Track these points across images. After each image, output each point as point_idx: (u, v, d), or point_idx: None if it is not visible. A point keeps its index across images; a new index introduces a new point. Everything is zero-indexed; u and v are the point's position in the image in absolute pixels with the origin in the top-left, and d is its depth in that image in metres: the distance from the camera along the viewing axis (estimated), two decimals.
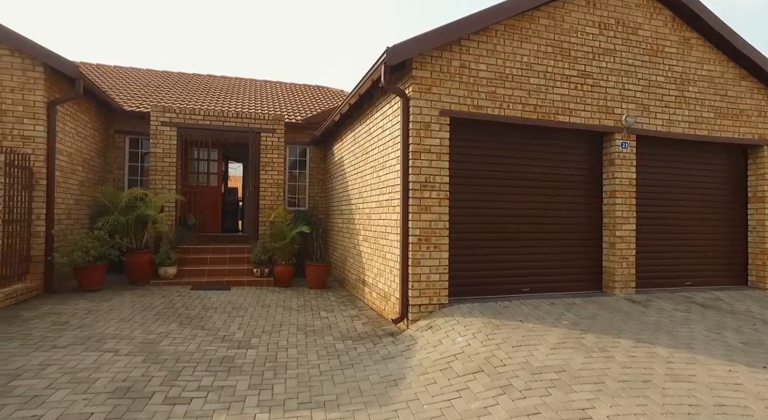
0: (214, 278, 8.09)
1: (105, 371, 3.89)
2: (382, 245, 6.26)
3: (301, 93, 13.66)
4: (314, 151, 10.94)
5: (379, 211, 6.43)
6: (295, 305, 6.82)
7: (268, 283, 8.19)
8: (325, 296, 7.59)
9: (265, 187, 9.28)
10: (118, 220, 7.49)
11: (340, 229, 8.89)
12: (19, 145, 6.62)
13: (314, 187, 10.89)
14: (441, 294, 5.36)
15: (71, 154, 7.72)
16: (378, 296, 6.38)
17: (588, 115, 6.00)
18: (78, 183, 8.00)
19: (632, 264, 6.16)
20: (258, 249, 8.33)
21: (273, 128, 9.35)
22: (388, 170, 6.08)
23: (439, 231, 5.38)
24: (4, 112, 6.61)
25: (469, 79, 5.53)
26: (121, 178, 9.65)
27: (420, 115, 5.33)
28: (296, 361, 4.40)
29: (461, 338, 4.48)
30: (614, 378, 3.42)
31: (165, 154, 8.74)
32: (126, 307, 6.12)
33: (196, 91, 12.01)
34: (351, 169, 8.17)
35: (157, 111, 8.76)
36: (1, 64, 6.61)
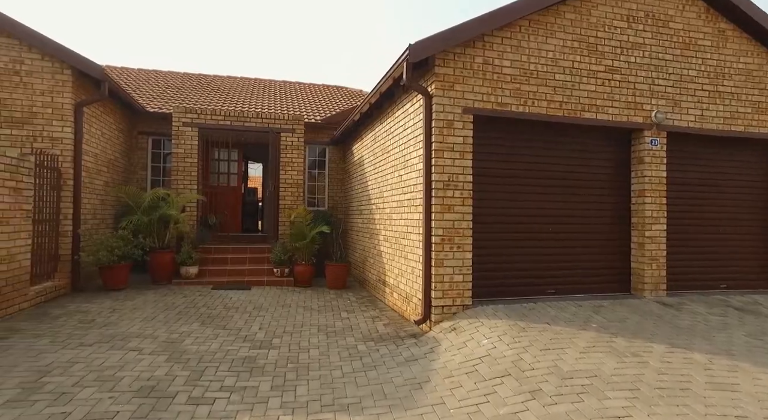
0: (234, 278, 8.12)
1: (130, 370, 3.90)
2: (403, 245, 6.18)
3: (319, 93, 13.68)
4: (333, 151, 10.92)
5: (400, 211, 6.35)
6: (316, 306, 6.79)
7: (288, 283, 8.19)
8: (345, 297, 7.54)
9: (285, 187, 9.29)
10: (141, 220, 7.58)
11: (360, 229, 8.84)
12: (48, 146, 6.76)
13: (333, 187, 10.87)
14: (464, 295, 5.25)
15: (97, 155, 7.85)
16: (399, 297, 6.30)
17: (616, 112, 5.82)
18: (103, 183, 8.13)
19: (662, 265, 5.94)
20: (278, 249, 8.34)
21: (293, 128, 9.36)
22: (409, 169, 6.00)
23: (463, 231, 5.27)
24: (35, 114, 6.77)
25: (492, 75, 5.41)
26: (144, 178, 9.79)
27: (443, 113, 5.24)
28: (318, 363, 4.35)
29: (486, 341, 4.37)
30: (650, 384, 3.27)
31: (186, 155, 8.82)
32: (149, 306, 6.17)
33: (217, 92, 12.12)
34: (371, 169, 8.11)
35: (178, 112, 8.85)
36: (33, 69, 6.76)
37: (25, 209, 5.63)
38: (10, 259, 5.32)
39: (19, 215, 5.49)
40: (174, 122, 8.79)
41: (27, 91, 6.76)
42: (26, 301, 5.67)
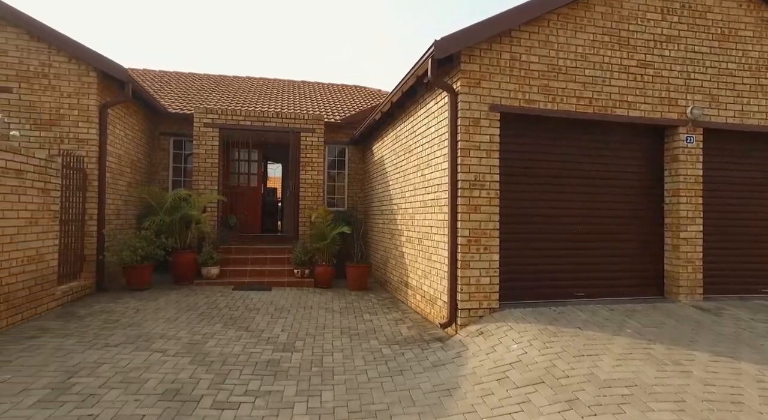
0: (255, 278, 8.11)
1: (154, 372, 3.87)
2: (427, 246, 6.05)
3: (338, 93, 13.64)
4: (353, 151, 10.85)
5: (423, 211, 6.23)
6: (337, 307, 6.71)
7: (309, 284, 8.14)
8: (366, 298, 7.45)
9: (305, 188, 9.25)
10: (163, 221, 7.62)
11: (381, 229, 8.74)
12: (74, 147, 6.84)
13: (353, 187, 10.80)
14: (491, 298, 5.10)
15: (120, 156, 7.92)
16: (423, 299, 6.18)
17: (648, 108, 5.58)
18: (126, 184, 8.21)
19: (699, 268, 5.68)
20: (298, 250, 8.29)
21: (312, 128, 9.31)
22: (433, 169, 5.87)
23: (489, 232, 5.12)
24: (62, 116, 6.85)
25: (520, 72, 5.25)
26: (165, 178, 9.87)
27: (469, 111, 5.09)
28: (343, 366, 4.26)
29: (516, 346, 4.22)
30: (697, 396, 3.08)
31: (207, 155, 8.85)
32: (172, 307, 6.18)
33: (237, 93, 12.17)
34: (392, 169, 8.00)
35: (199, 112, 8.89)
36: (60, 71, 6.85)
37: (53, 210, 5.69)
38: (39, 259, 5.38)
39: (47, 216, 5.54)
40: (195, 123, 8.83)
41: (55, 93, 6.85)
42: (54, 300, 5.73)
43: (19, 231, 5.01)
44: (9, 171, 4.85)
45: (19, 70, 6.75)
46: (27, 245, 5.16)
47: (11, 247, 4.87)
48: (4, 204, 4.75)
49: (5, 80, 6.71)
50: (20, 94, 6.76)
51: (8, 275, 4.83)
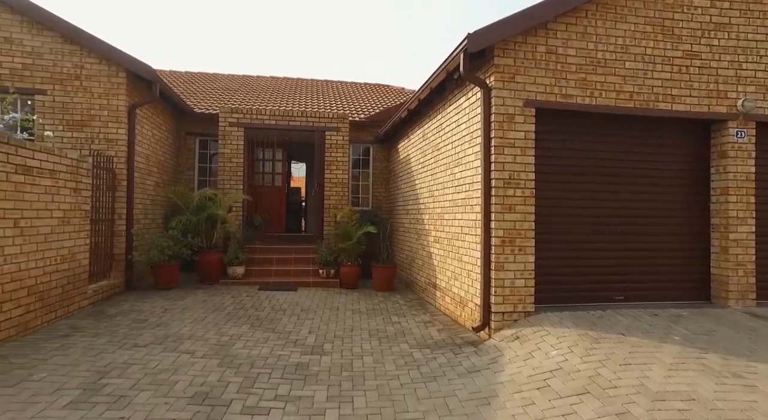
0: (280, 278, 8.06)
1: (183, 374, 3.81)
2: (457, 247, 5.87)
3: (361, 91, 13.54)
4: (377, 150, 10.72)
5: (453, 211, 6.05)
6: (364, 308, 6.58)
7: (334, 285, 8.04)
8: (393, 299, 7.30)
9: (330, 187, 9.16)
10: (190, 220, 7.64)
11: (407, 229, 8.59)
12: (104, 147, 6.90)
13: (377, 187, 10.67)
14: (526, 301, 4.88)
15: (148, 156, 7.98)
16: (452, 301, 5.99)
17: (694, 101, 5.27)
18: (154, 184, 8.27)
19: (750, 272, 5.34)
20: (323, 250, 8.21)
21: (337, 127, 9.22)
22: (464, 167, 5.68)
23: (525, 232, 4.90)
24: (93, 117, 6.93)
25: (556, 65, 5.01)
26: (191, 178, 9.94)
27: (503, 107, 4.89)
28: (374, 371, 4.12)
29: (556, 352, 4.00)
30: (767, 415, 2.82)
31: (232, 155, 8.86)
32: (199, 307, 6.16)
33: (261, 92, 12.20)
34: (419, 167, 7.83)
35: (225, 112, 8.90)
36: (91, 73, 6.93)
37: (84, 209, 5.73)
38: (71, 258, 5.42)
39: (78, 215, 5.59)
40: (220, 122, 8.85)
41: (86, 94, 6.93)
42: (86, 299, 5.77)
43: (52, 230, 5.05)
44: (43, 171, 4.88)
45: (54, 73, 6.86)
46: (60, 244, 5.20)
47: (45, 246, 4.91)
48: (38, 204, 4.79)
49: (41, 82, 6.83)
50: (54, 96, 6.86)
51: (43, 274, 4.87)
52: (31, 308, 4.67)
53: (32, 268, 4.69)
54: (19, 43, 6.78)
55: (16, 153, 4.46)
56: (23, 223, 4.54)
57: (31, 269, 4.67)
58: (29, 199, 4.64)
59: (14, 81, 6.72)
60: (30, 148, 4.67)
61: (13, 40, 6.77)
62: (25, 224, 4.56)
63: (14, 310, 4.43)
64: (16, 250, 4.45)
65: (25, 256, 4.58)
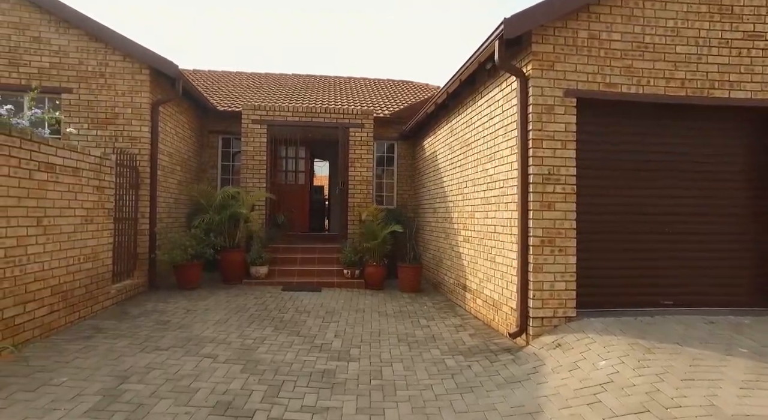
0: (303, 279, 7.88)
1: (205, 380, 3.62)
2: (489, 247, 5.55)
3: (384, 88, 13.28)
4: (402, 147, 10.44)
5: (485, 209, 5.73)
6: (391, 311, 6.33)
7: (359, 286, 7.82)
8: (420, 301, 7.03)
9: (354, 185, 8.94)
10: (212, 219, 7.53)
11: (434, 228, 8.29)
12: (127, 145, 6.84)
13: (402, 184, 10.40)
14: (567, 305, 4.54)
15: (172, 155, 7.91)
16: (484, 304, 5.68)
17: (756, 88, 4.81)
18: (177, 182, 8.20)
19: None
20: (348, 249, 7.99)
21: (362, 123, 8.98)
22: (498, 163, 5.36)
23: (565, 231, 4.56)
24: (117, 115, 6.88)
25: (599, 52, 4.64)
26: (214, 177, 9.87)
27: (541, 97, 4.56)
28: (405, 380, 3.86)
29: (604, 362, 3.66)
30: None
31: (255, 152, 8.72)
32: (221, 308, 6.01)
33: (283, 90, 12.08)
34: (447, 164, 7.53)
35: (248, 109, 8.77)
36: (115, 70, 6.88)
37: (107, 208, 5.64)
38: (94, 258, 5.33)
39: (101, 214, 5.50)
40: (243, 120, 8.72)
41: (110, 92, 6.88)
42: (109, 299, 5.69)
43: (75, 229, 4.96)
44: (66, 168, 4.79)
45: (79, 71, 6.83)
46: (83, 243, 5.11)
47: (69, 245, 4.82)
48: (61, 202, 4.70)
49: (67, 81, 6.81)
50: (80, 94, 6.83)
51: (66, 273, 4.78)
52: (55, 308, 4.58)
53: (55, 268, 4.60)
54: (47, 42, 6.77)
55: (39, 150, 4.36)
56: (46, 221, 4.45)
57: (54, 269, 4.58)
58: (52, 198, 4.55)
59: (42, 80, 6.71)
60: (53, 145, 4.58)
61: (42, 40, 6.77)
62: (47, 223, 4.47)
63: (38, 310, 4.35)
64: (39, 249, 4.36)
65: (48, 255, 4.49)
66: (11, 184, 3.99)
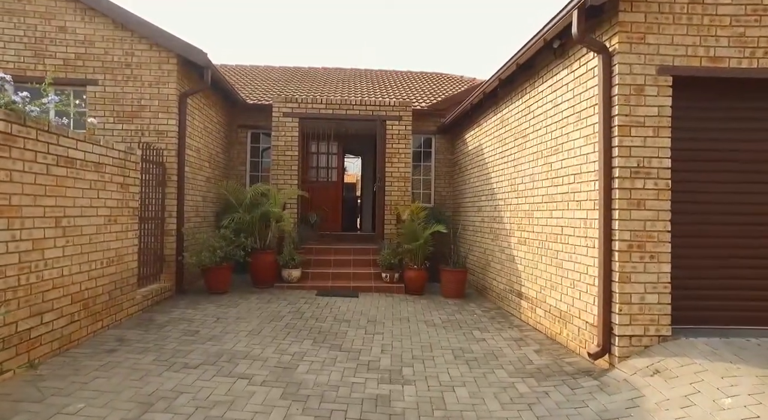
0: (339, 282, 7.33)
1: (241, 409, 3.09)
2: (554, 251, 4.86)
3: (418, 80, 12.64)
4: (440, 141, 9.78)
5: (548, 208, 5.04)
6: (438, 320, 5.71)
7: (399, 291, 7.22)
8: (467, 308, 6.38)
9: (391, 181, 8.34)
10: (243, 218, 7.05)
11: (478, 228, 7.62)
12: (154, 140, 6.42)
13: (440, 181, 9.74)
14: (661, 322, 3.82)
15: (199, 150, 7.48)
16: (547, 314, 5.00)
17: None
18: (205, 179, 7.77)
19: None
20: (387, 251, 7.40)
21: (399, 116, 8.37)
22: (566, 155, 4.66)
23: (658, 234, 3.84)
24: (143, 107, 6.47)
25: (702, 19, 3.89)
26: (243, 174, 9.43)
27: (629, 76, 3.84)
28: (474, 411, 3.24)
29: (730, 400, 2.95)
30: None
31: (287, 147, 8.22)
32: (254, 316, 5.51)
33: (314, 83, 11.58)
34: (495, 158, 6.84)
35: (279, 101, 8.27)
36: (142, 60, 6.47)
37: (132, 207, 5.20)
38: (118, 261, 4.90)
39: (126, 213, 5.06)
40: (274, 113, 8.23)
41: (136, 83, 6.47)
42: (134, 305, 5.26)
43: (98, 230, 4.52)
44: (88, 164, 4.35)
45: (105, 61, 6.44)
46: (107, 246, 4.68)
47: (90, 247, 4.38)
48: (83, 200, 4.26)
49: (92, 72, 6.43)
50: (105, 86, 6.45)
51: (88, 279, 4.34)
52: (75, 318, 4.14)
53: (76, 274, 4.15)
54: (72, 31, 6.41)
55: (58, 142, 3.92)
56: (65, 222, 4.01)
57: (75, 274, 4.14)
58: (72, 195, 4.10)
59: (67, 72, 6.36)
60: (73, 138, 4.13)
61: (67, 29, 6.41)
62: (67, 224, 4.03)
63: (56, 321, 3.90)
64: (58, 253, 3.91)
65: (68, 259, 4.05)
66: (26, 180, 3.54)
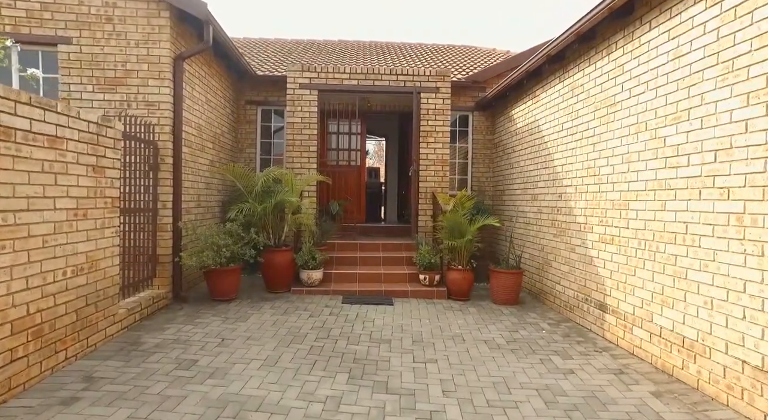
0: (367, 286, 6.12)
1: None
2: (670, 255, 3.58)
3: (445, 53, 11.24)
4: (478, 119, 8.45)
5: (659, 197, 3.74)
6: (500, 338, 4.48)
7: (440, 295, 6.00)
8: (529, 320, 5.13)
9: (427, 165, 7.06)
10: (253, 210, 5.84)
11: (532, 220, 6.34)
12: (143, 113, 5.20)
13: (478, 165, 8.44)
14: None
15: (201, 127, 6.25)
16: (656, 339, 3.73)
17: None
18: (208, 162, 6.56)
19: None
20: (425, 248, 6.16)
21: (436, 87, 7.05)
22: (697, 124, 3.35)
23: None
24: (129, 72, 5.24)
25: None
26: (252, 157, 8.21)
27: None
28: None
29: None
30: None
31: (304, 125, 6.97)
32: (268, 335, 4.33)
33: (331, 55, 10.27)
34: (562, 135, 5.52)
35: (294, 71, 6.99)
36: (126, 13, 5.22)
37: (110, 196, 4.01)
38: (90, 268, 3.72)
39: (101, 205, 3.87)
40: (289, 84, 6.95)
41: (120, 43, 5.24)
42: (115, 323, 4.10)
43: (57, 229, 3.33)
44: (37, 137, 3.14)
45: (79, 15, 5.20)
46: (72, 249, 3.49)
47: (44, 253, 3.20)
48: (28, 188, 3.06)
49: (64, 28, 5.20)
50: (81, 46, 5.22)
51: (41, 297, 3.17)
52: (19, 354, 2.97)
53: (21, 291, 2.98)
54: None
55: None
56: (1, 219, 2.82)
57: (18, 293, 2.96)
58: (12, 181, 2.91)
59: (32, 26, 5.13)
60: (10, 98, 2.91)
61: None
62: (4, 221, 2.84)
63: None
64: None
65: (7, 272, 2.86)
66: None
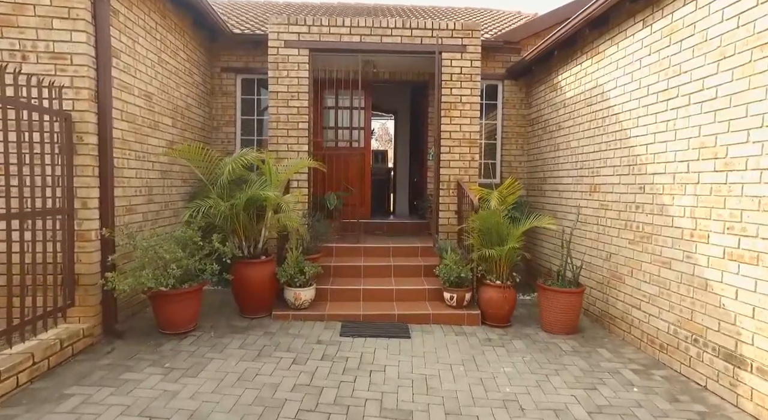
0: (374, 308, 4.60)
1: None
2: None
3: (464, 15, 9.51)
4: (510, 90, 6.79)
5: None
6: (576, 405, 2.94)
7: (471, 321, 4.47)
8: (602, 362, 3.57)
9: (450, 147, 5.46)
10: (217, 207, 4.27)
11: (591, 220, 4.74)
12: (48, 70, 3.60)
13: (509, 146, 6.82)
14: None
15: (151, 96, 4.66)
16: None
17: None
18: (166, 144, 4.99)
19: None
20: (452, 257, 4.59)
21: (463, 45, 5.40)
22: None
23: None
24: (22, 7, 3.57)
25: None
26: (231, 138, 6.61)
27: None
28: None
29: None
30: None
31: (291, 96, 5.37)
32: (224, 407, 2.81)
33: (330, 16, 8.57)
34: (648, 102, 3.88)
35: (278, 24, 5.35)
36: None
37: None
38: None
39: None
40: (271, 42, 5.33)
41: None
42: None
43: None
44: None
45: None
46: None
47: None
48: None
49: None
50: None
51: None
52: None
53: None
54: None
55: None
56: None
57: None
58: None
59: None
60: None
61: None
62: None
63: None
64: None
65: None
66: None
